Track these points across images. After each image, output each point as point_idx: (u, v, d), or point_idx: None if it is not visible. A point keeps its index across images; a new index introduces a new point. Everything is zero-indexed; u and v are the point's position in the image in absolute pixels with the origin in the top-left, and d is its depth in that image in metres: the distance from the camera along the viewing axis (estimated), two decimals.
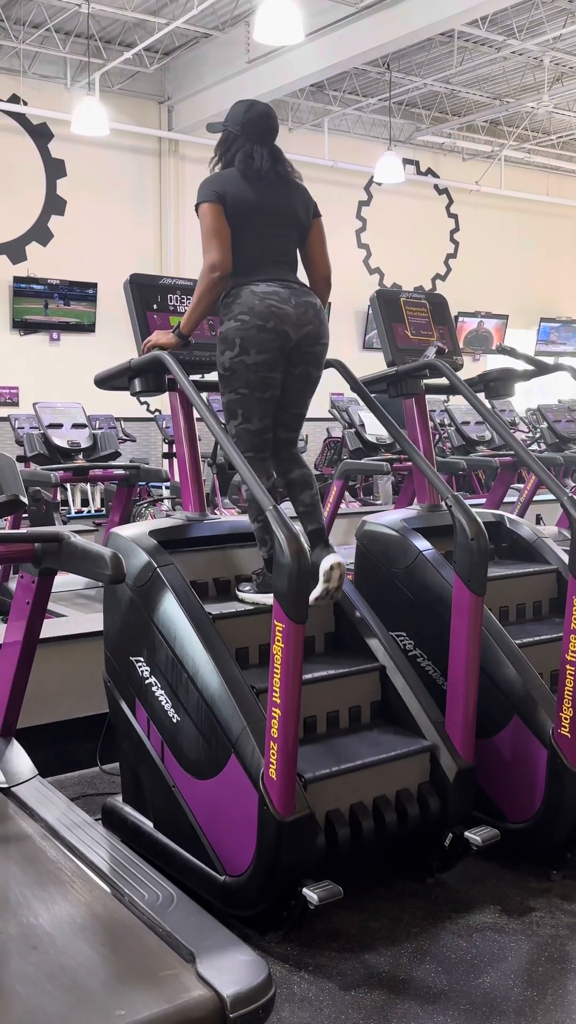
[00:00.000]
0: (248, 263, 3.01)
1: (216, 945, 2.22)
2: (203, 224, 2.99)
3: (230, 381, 3.05)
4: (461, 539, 2.88)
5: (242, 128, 3.10)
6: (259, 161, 3.05)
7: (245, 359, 2.98)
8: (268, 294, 2.96)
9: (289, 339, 2.99)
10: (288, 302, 2.97)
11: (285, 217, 3.09)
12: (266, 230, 3.04)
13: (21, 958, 2.19)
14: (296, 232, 3.13)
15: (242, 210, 3.01)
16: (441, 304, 3.86)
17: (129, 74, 11.83)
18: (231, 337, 2.99)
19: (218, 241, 2.96)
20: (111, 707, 3.20)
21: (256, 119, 3.11)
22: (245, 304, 2.96)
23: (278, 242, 3.07)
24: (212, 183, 3.05)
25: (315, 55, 10.09)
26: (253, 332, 2.95)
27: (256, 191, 3.04)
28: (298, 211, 3.12)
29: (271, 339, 2.96)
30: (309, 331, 3.02)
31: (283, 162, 3.12)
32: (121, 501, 6.25)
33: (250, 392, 3.02)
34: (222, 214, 2.98)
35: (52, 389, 11.18)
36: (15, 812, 2.86)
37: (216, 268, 2.95)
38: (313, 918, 2.66)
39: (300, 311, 2.99)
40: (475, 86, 12.84)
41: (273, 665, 2.50)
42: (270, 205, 3.05)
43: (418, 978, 2.51)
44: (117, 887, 2.46)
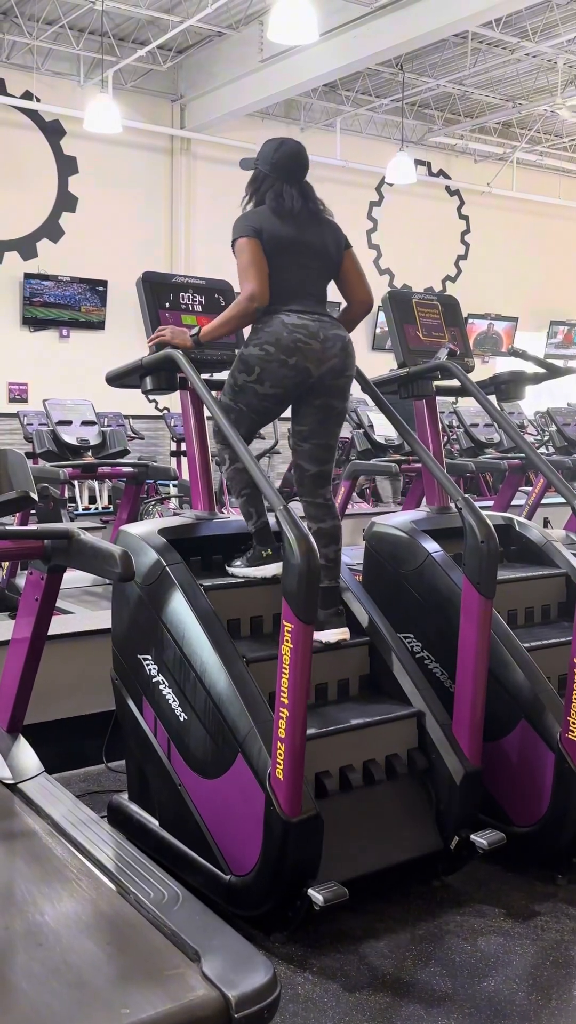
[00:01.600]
0: (281, 292, 3.03)
1: (221, 945, 2.22)
2: (241, 258, 3.01)
3: (235, 393, 3.09)
4: (471, 541, 2.87)
5: (271, 167, 3.13)
6: (289, 201, 3.08)
7: (257, 388, 3.02)
8: (298, 327, 2.98)
9: (310, 375, 3.01)
10: (316, 336, 2.99)
11: (317, 253, 3.12)
12: (299, 264, 3.07)
13: (27, 955, 2.19)
14: (327, 268, 3.16)
15: (276, 245, 3.03)
16: (453, 306, 3.85)
17: (142, 72, 11.84)
18: (251, 363, 3.01)
19: (256, 272, 2.98)
20: (118, 705, 3.20)
21: (285, 158, 3.14)
22: (273, 334, 2.98)
23: (309, 275, 3.10)
24: (248, 219, 3.08)
25: (329, 55, 10.08)
26: (274, 366, 2.98)
27: (289, 228, 3.07)
28: (329, 247, 3.15)
29: (289, 375, 2.99)
30: (333, 364, 3.03)
31: (313, 199, 3.15)
32: (129, 499, 6.26)
33: (248, 412, 3.09)
34: (259, 248, 3.00)
35: (61, 386, 11.21)
36: (21, 808, 2.86)
37: (255, 299, 2.97)
38: (318, 919, 2.66)
39: (327, 345, 3.01)
40: (488, 88, 12.82)
41: (281, 666, 2.50)
42: (303, 242, 3.08)
43: (423, 981, 2.51)
44: (123, 885, 2.46)
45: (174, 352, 3.05)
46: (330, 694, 3.04)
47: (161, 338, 3.12)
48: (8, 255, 11.58)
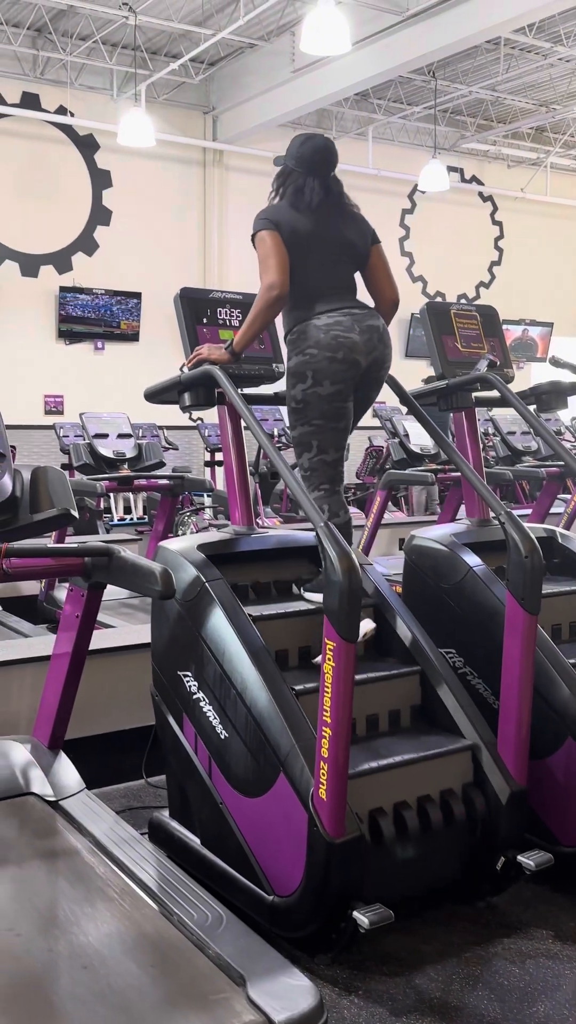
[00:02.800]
0: (307, 295, 3.01)
1: (266, 969, 2.19)
2: (260, 250, 3.00)
3: (303, 413, 3.04)
4: (515, 556, 2.83)
5: (297, 161, 3.13)
6: (309, 195, 3.07)
7: (319, 390, 2.99)
8: (331, 326, 2.96)
9: (360, 367, 3.00)
10: (352, 330, 2.97)
11: (339, 246, 3.09)
12: (321, 259, 3.05)
13: (71, 977, 2.18)
14: (352, 260, 3.13)
15: (296, 240, 3.01)
16: (492, 316, 3.81)
17: (174, 85, 11.90)
18: (302, 371, 2.99)
19: (275, 262, 2.96)
20: (158, 721, 3.19)
21: (310, 152, 3.13)
22: (311, 339, 2.97)
23: (333, 269, 3.07)
24: (266, 213, 3.07)
25: (361, 64, 10.07)
26: (324, 364, 2.95)
27: (309, 222, 3.05)
28: (354, 241, 3.12)
29: (343, 369, 2.97)
30: (376, 356, 3.02)
31: (338, 193, 3.13)
32: (165, 511, 6.26)
33: (325, 423, 3.04)
34: (279, 239, 2.99)
35: (96, 398, 11.28)
36: (63, 826, 2.86)
37: (274, 287, 2.95)
38: (363, 941, 2.62)
39: (366, 337, 2.99)
40: (521, 93, 12.74)
41: (324, 684, 2.47)
42: (323, 235, 3.06)
43: (470, 1005, 2.46)
44: (166, 906, 2.45)
45: (212, 368, 3.04)
46: (381, 725, 2.97)
47: (199, 357, 3.11)
48: (44, 269, 11.68)
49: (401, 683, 3.03)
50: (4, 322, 11.34)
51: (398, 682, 3.02)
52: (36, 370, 11.58)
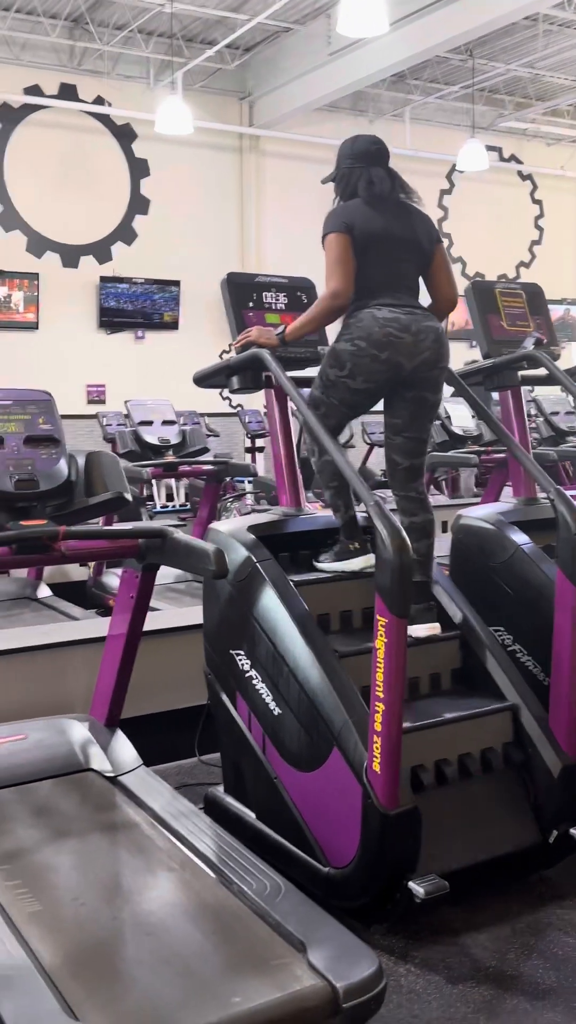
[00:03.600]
0: (372, 286, 3.03)
1: (326, 936, 2.24)
2: (329, 253, 3.02)
3: (327, 389, 3.10)
4: (564, 533, 2.84)
5: (354, 158, 3.16)
6: (379, 185, 3.10)
7: (350, 383, 3.03)
8: (389, 320, 2.98)
9: (402, 369, 3.01)
10: (408, 329, 2.99)
11: (409, 245, 3.12)
12: (391, 257, 3.07)
13: (136, 944, 2.25)
14: (419, 260, 3.15)
15: (369, 239, 3.04)
16: (537, 294, 3.81)
17: (210, 71, 11.92)
18: (343, 359, 3.02)
19: (342, 270, 2.99)
20: (212, 700, 3.25)
21: (365, 146, 3.17)
22: (365, 329, 2.98)
23: (401, 268, 3.10)
24: (339, 214, 3.09)
25: (397, 45, 10.01)
26: (366, 361, 2.98)
27: (382, 220, 3.08)
28: (421, 240, 3.15)
29: (382, 370, 2.99)
30: (426, 357, 3.02)
31: (403, 186, 3.16)
32: (209, 496, 6.33)
33: (340, 405, 3.10)
34: (349, 245, 3.01)
35: (137, 386, 11.37)
36: (122, 801, 2.93)
37: (339, 296, 2.99)
38: (417, 912, 2.67)
39: (419, 338, 3.00)
40: (560, 69, 12.58)
41: (376, 660, 2.51)
42: (395, 234, 3.09)
43: (526, 974, 2.50)
44: (225, 876, 2.51)
45: (260, 351, 3.08)
46: (422, 688, 3.04)
47: (248, 339, 3.15)
48: (84, 259, 11.79)
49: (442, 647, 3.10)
50: (46, 313, 11.47)
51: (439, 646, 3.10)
52: (78, 360, 11.70)
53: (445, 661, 3.11)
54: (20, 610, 5.79)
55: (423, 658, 3.04)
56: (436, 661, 3.08)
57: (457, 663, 3.13)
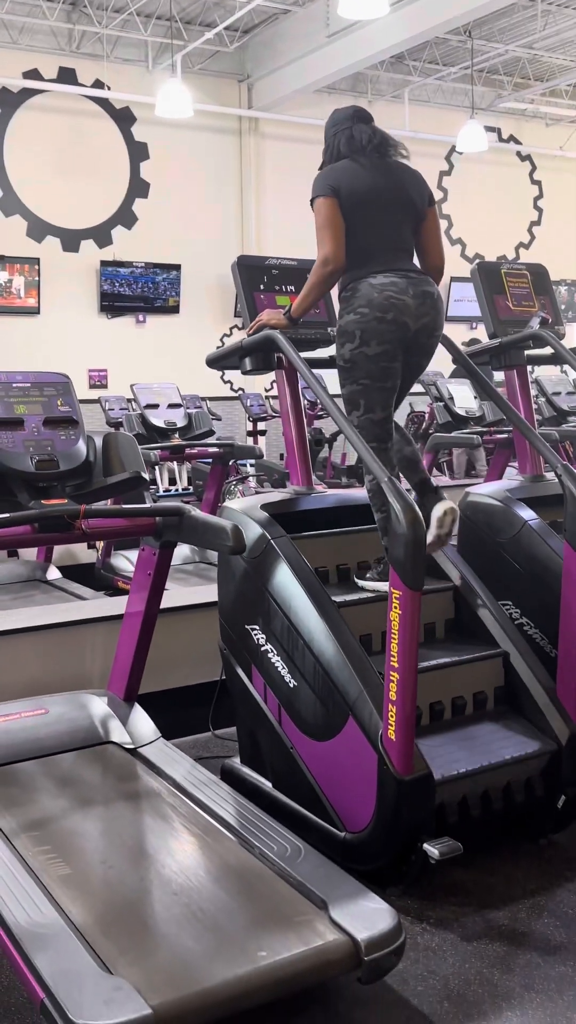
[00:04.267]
0: (365, 254, 3.06)
1: (346, 894, 2.34)
2: (317, 218, 3.06)
3: (351, 372, 3.10)
4: (572, 508, 2.92)
5: (337, 124, 3.22)
6: (359, 136, 3.12)
7: (366, 350, 3.04)
8: (386, 285, 3.02)
9: (408, 329, 3.05)
10: (407, 292, 3.03)
11: (400, 203, 3.13)
12: (381, 218, 3.09)
13: (163, 903, 2.34)
14: (411, 218, 3.16)
15: (357, 200, 3.06)
16: (542, 274, 3.87)
17: (208, 54, 11.90)
18: (351, 330, 3.05)
19: (331, 235, 3.02)
20: (227, 674, 3.34)
21: (343, 113, 3.25)
22: (364, 297, 3.02)
23: (393, 230, 3.12)
24: (326, 177, 3.11)
25: (396, 26, 10.00)
26: (373, 324, 3.01)
27: (369, 178, 3.09)
28: (413, 197, 3.16)
29: (391, 330, 3.02)
30: (426, 322, 3.08)
31: (389, 140, 3.17)
32: (216, 478, 6.39)
33: (372, 382, 3.08)
34: (337, 208, 3.04)
35: (138, 370, 11.40)
36: (143, 771, 3.03)
37: (329, 262, 3.03)
38: (431, 873, 2.76)
39: (418, 301, 3.05)
40: (559, 50, 12.56)
41: (391, 631, 2.59)
42: (384, 192, 3.10)
43: (537, 931, 2.60)
44: (247, 840, 2.60)
45: (272, 332, 3.15)
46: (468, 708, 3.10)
47: (259, 322, 3.22)
48: (84, 243, 11.80)
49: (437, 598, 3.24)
50: (48, 298, 11.49)
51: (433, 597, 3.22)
52: (80, 345, 11.73)
53: (439, 611, 3.25)
54: (31, 592, 5.88)
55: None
56: (430, 611, 3.18)
57: (451, 613, 3.27)
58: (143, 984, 2.01)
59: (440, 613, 3.25)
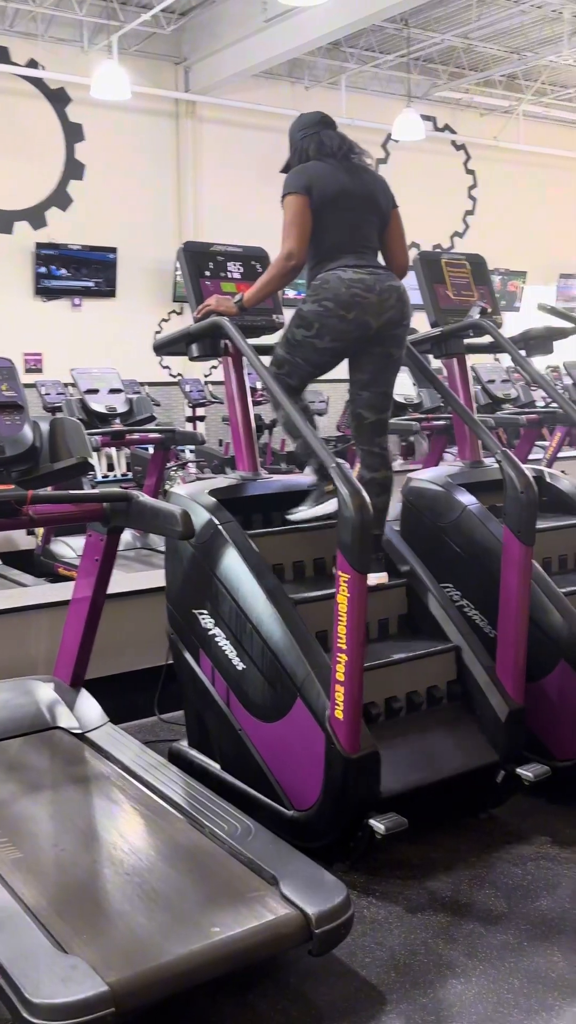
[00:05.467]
0: (335, 249, 3.13)
1: (296, 870, 2.40)
2: (287, 214, 3.11)
3: (292, 348, 3.18)
4: (511, 492, 3.01)
5: (304, 129, 3.28)
6: (330, 142, 3.20)
7: (316, 342, 3.12)
8: (355, 281, 3.08)
9: (370, 327, 3.12)
10: (372, 289, 3.09)
11: (367, 205, 3.22)
12: (350, 218, 3.17)
13: (116, 884, 2.37)
14: (377, 219, 3.26)
15: (327, 199, 3.13)
16: (481, 264, 3.96)
17: (145, 35, 11.77)
18: (310, 319, 3.11)
19: (297, 231, 3.08)
20: (175, 658, 3.36)
21: (312, 117, 3.31)
22: (332, 290, 3.07)
23: (361, 230, 3.20)
24: (298, 175, 3.17)
25: (334, 13, 10.00)
26: (334, 321, 3.08)
27: (340, 179, 3.17)
28: (379, 199, 3.25)
29: (349, 329, 3.09)
30: (391, 316, 3.14)
31: (355, 148, 3.26)
32: (157, 464, 6.39)
33: (306, 364, 3.19)
34: (307, 206, 3.10)
35: (75, 355, 11.28)
36: (91, 755, 3.04)
37: (292, 257, 3.08)
38: (376, 849, 2.84)
39: (383, 297, 3.11)
40: (493, 40, 12.71)
41: (338, 613, 2.65)
42: (353, 194, 3.19)
43: (479, 902, 2.69)
44: (197, 820, 2.64)
45: (220, 319, 3.17)
46: (371, 633, 3.20)
47: (207, 308, 3.24)
48: (18, 225, 11.61)
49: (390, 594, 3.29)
50: None
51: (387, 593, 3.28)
52: (14, 329, 11.54)
53: (392, 607, 3.30)
54: None
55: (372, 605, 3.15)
56: (384, 608, 3.25)
57: (404, 609, 3.32)
58: (99, 962, 2.04)
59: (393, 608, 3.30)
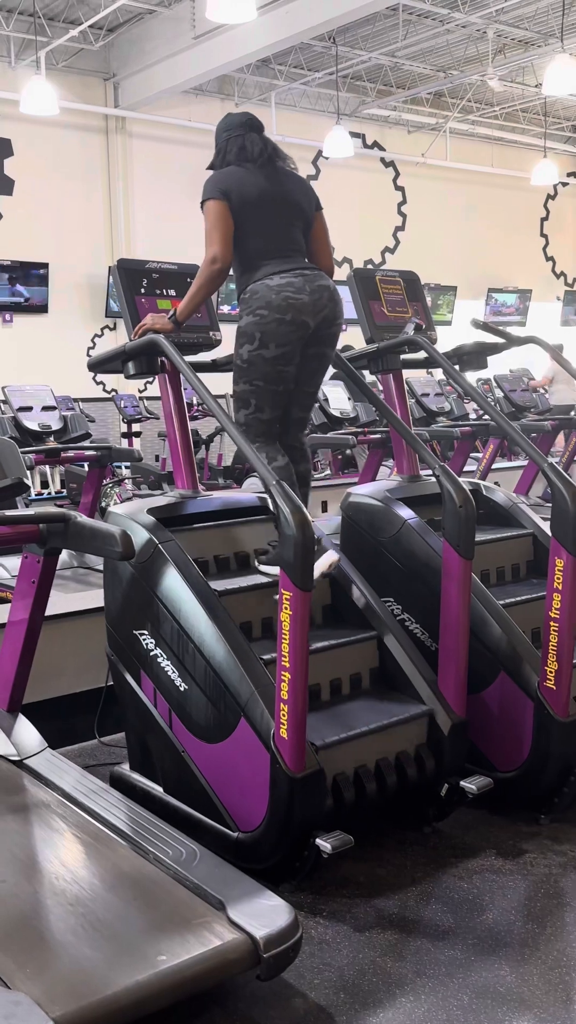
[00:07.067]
0: (259, 256, 3.13)
1: (243, 893, 2.37)
2: (207, 220, 3.11)
3: (246, 372, 3.17)
4: (449, 506, 3.03)
5: (229, 130, 3.28)
6: (251, 147, 3.19)
7: (264, 352, 3.11)
8: (283, 286, 3.08)
9: (308, 328, 3.12)
10: (303, 291, 3.09)
11: (288, 207, 3.21)
12: (273, 221, 3.16)
13: (60, 915, 2.32)
14: (301, 221, 3.25)
15: (247, 204, 3.12)
16: (414, 281, 4.00)
17: (73, 51, 11.70)
18: (251, 332, 3.11)
19: (219, 235, 3.08)
20: (115, 680, 3.31)
21: (239, 118, 3.31)
22: (263, 299, 3.08)
23: (284, 232, 3.19)
24: (216, 181, 3.16)
25: (262, 30, 10.07)
26: (273, 326, 3.07)
27: (258, 184, 3.16)
28: (301, 201, 3.25)
29: (291, 331, 3.09)
30: (326, 315, 3.15)
31: (277, 151, 3.24)
32: (93, 482, 6.32)
33: (265, 384, 3.17)
34: (226, 210, 3.10)
35: (6, 372, 11.12)
36: (30, 783, 2.97)
37: (217, 260, 3.07)
38: (322, 868, 2.82)
39: (315, 297, 3.11)
40: (420, 59, 12.92)
41: (281, 632, 2.64)
42: (273, 197, 3.17)
43: (426, 918, 2.69)
44: (141, 846, 2.60)
45: (156, 337, 3.15)
46: (344, 689, 3.15)
47: (143, 327, 3.22)
48: None
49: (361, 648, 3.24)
50: None
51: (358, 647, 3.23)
52: None
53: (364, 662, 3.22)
54: None
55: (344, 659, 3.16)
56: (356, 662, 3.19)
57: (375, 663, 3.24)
58: (43, 997, 1.98)
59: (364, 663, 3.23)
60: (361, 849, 2.91)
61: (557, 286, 17.49)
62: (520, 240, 16.78)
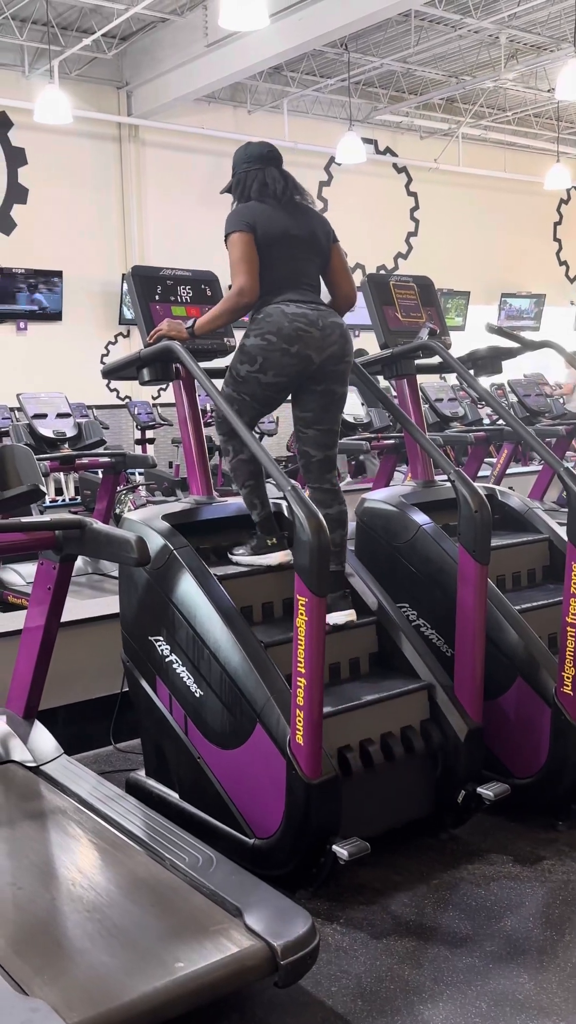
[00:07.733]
0: (278, 284, 3.14)
1: (260, 900, 2.36)
2: (232, 252, 3.12)
3: (238, 385, 3.18)
4: (465, 511, 3.02)
5: (248, 162, 3.28)
6: (273, 184, 3.21)
7: (261, 377, 3.12)
8: (297, 316, 3.09)
9: (312, 362, 3.12)
10: (315, 324, 3.10)
11: (309, 244, 3.24)
12: (293, 256, 3.18)
13: (77, 921, 2.31)
14: (318, 258, 3.28)
15: (271, 239, 3.14)
16: (428, 286, 3.99)
17: (86, 60, 11.76)
18: (253, 353, 3.11)
19: (247, 267, 3.09)
20: (131, 686, 3.32)
21: (259, 150, 3.31)
22: (275, 324, 3.08)
23: (303, 268, 3.21)
24: (241, 214, 3.17)
25: (275, 38, 10.10)
26: (276, 355, 3.08)
27: (282, 220, 3.18)
28: (319, 237, 3.27)
29: (292, 363, 3.10)
30: (333, 351, 3.15)
31: (298, 187, 3.28)
32: (108, 488, 6.32)
33: (252, 401, 3.19)
34: (252, 243, 3.11)
35: (21, 379, 11.17)
36: (47, 789, 2.98)
37: (245, 294, 3.08)
38: (339, 875, 2.81)
39: (326, 333, 3.12)
40: (432, 64, 12.93)
41: (297, 638, 2.63)
42: (295, 233, 3.20)
43: (443, 925, 2.68)
44: (157, 852, 2.59)
45: (172, 344, 3.16)
46: (343, 673, 3.16)
47: (159, 332, 3.23)
48: None
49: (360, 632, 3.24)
50: None
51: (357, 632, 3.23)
52: None
53: (363, 646, 3.23)
54: None
55: (343, 644, 3.15)
56: (355, 646, 3.20)
57: (375, 648, 3.26)
58: (60, 1003, 1.98)
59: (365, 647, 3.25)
60: (377, 855, 2.90)
61: (571, 290, 17.45)
62: (533, 245, 16.75)
